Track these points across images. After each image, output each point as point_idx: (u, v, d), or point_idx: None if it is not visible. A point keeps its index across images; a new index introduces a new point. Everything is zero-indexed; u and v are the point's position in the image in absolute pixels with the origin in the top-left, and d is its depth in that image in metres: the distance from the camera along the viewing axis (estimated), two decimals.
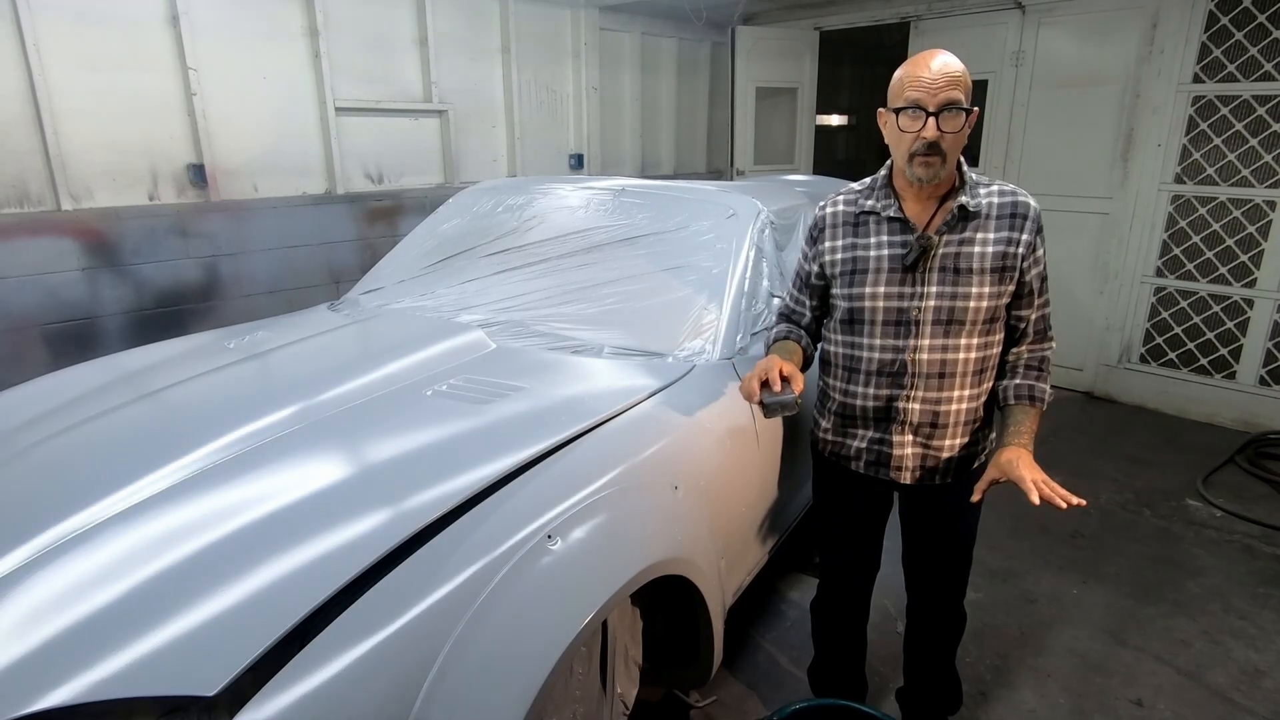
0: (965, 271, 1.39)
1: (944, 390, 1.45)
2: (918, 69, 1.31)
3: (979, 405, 1.49)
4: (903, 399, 1.47)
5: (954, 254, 1.40)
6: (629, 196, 2.31)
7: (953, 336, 1.42)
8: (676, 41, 5.24)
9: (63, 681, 0.91)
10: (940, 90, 1.29)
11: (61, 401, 1.68)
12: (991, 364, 1.48)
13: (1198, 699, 1.99)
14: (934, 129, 1.30)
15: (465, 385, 1.63)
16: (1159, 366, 4.00)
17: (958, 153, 1.36)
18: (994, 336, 1.45)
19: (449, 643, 1.04)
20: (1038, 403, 1.46)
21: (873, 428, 1.52)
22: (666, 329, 1.87)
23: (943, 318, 1.41)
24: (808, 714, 1.49)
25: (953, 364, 1.43)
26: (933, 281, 1.41)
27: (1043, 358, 1.48)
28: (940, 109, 1.29)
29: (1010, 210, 1.40)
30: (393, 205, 3.89)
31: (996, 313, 1.43)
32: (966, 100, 1.31)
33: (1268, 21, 3.36)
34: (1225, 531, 2.81)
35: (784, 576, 2.50)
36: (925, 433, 1.48)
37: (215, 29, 3.16)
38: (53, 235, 2.86)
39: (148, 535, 1.15)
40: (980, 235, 1.39)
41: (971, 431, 1.50)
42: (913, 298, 1.42)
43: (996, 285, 1.39)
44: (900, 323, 1.44)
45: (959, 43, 4.40)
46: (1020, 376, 1.48)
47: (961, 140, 1.34)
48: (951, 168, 1.37)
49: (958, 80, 1.30)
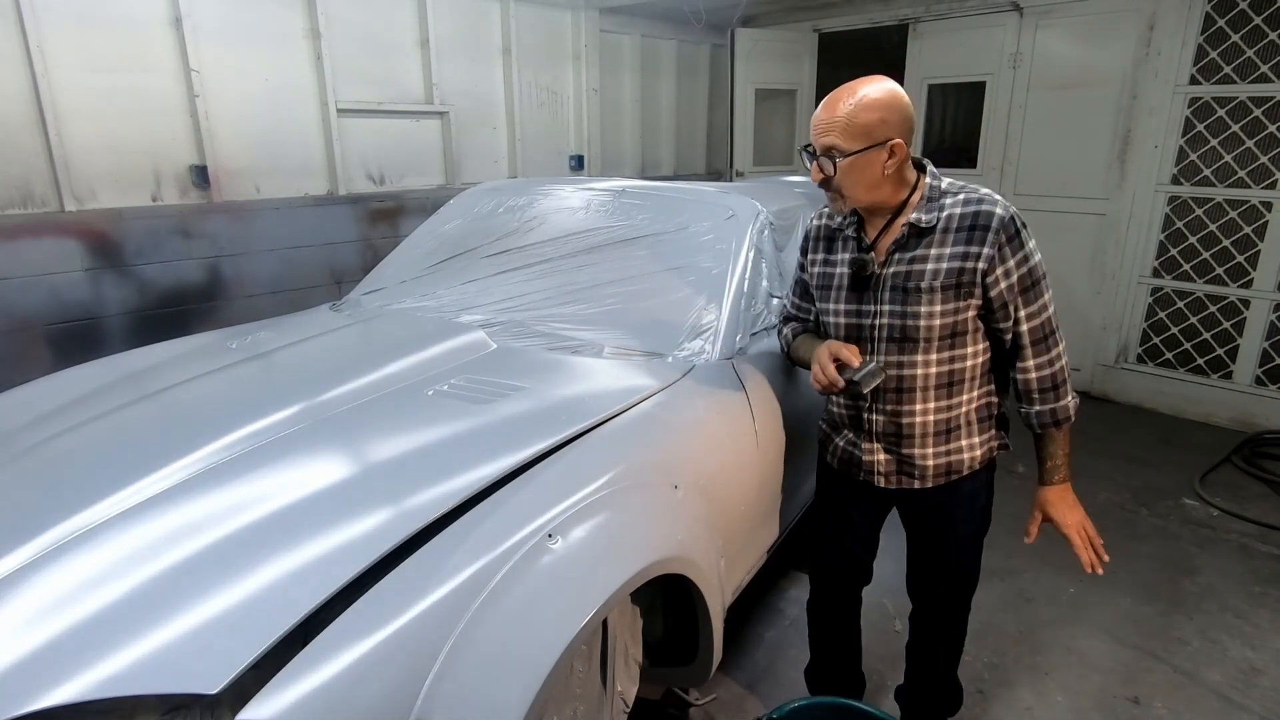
0: (914, 290, 1.37)
1: (904, 404, 1.44)
2: (818, 110, 1.35)
3: (955, 415, 1.45)
4: (865, 410, 1.50)
5: (904, 272, 1.38)
6: (629, 198, 2.32)
7: (908, 354, 1.41)
8: (676, 43, 5.25)
9: (66, 680, 0.92)
10: (819, 136, 1.33)
11: (65, 401, 1.69)
12: (970, 374, 1.43)
13: (1194, 697, 2.00)
14: (816, 171, 1.36)
15: (466, 385, 1.64)
16: (1156, 366, 4.02)
17: (860, 188, 1.34)
18: (966, 349, 1.41)
19: (450, 641, 1.04)
20: (1064, 423, 1.43)
21: (849, 432, 1.56)
22: (666, 329, 1.88)
23: (895, 335, 1.41)
24: (807, 712, 1.49)
25: (910, 379, 1.42)
26: (884, 300, 1.41)
27: (1054, 374, 1.41)
28: (820, 153, 1.34)
29: (971, 222, 1.34)
30: (394, 206, 3.90)
31: (959, 327, 1.38)
32: (856, 141, 1.29)
33: (1264, 24, 3.38)
34: (1222, 530, 2.82)
35: (784, 575, 2.51)
36: (892, 441, 1.49)
37: (217, 31, 3.18)
38: (56, 236, 2.87)
39: (151, 534, 1.16)
40: (934, 251, 1.36)
41: (948, 440, 1.46)
42: (868, 315, 1.44)
43: (953, 302, 1.36)
44: (858, 339, 1.46)
45: (957, 45, 4.42)
46: (1039, 402, 1.42)
47: (859, 178, 1.33)
48: (864, 201, 1.37)
49: (832, 126, 1.30)
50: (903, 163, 1.34)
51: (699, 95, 5.58)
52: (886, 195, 1.37)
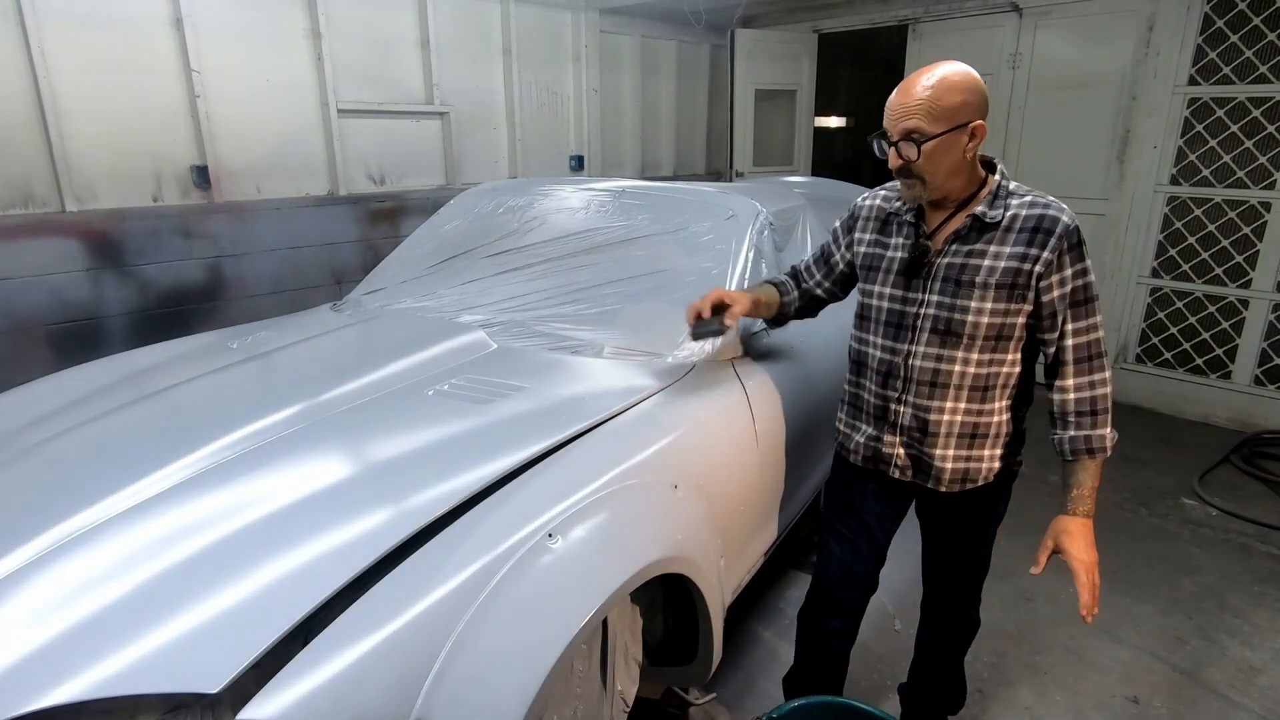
0: (968, 284, 1.35)
1: (935, 399, 1.42)
2: (892, 96, 1.32)
3: (984, 421, 1.42)
4: (895, 401, 1.47)
5: (960, 265, 1.36)
6: (629, 198, 2.32)
7: (949, 348, 1.39)
8: (676, 44, 5.26)
9: (67, 679, 0.92)
10: (899, 120, 1.30)
11: (66, 401, 1.69)
12: (1004, 381, 1.40)
13: (1193, 696, 2.01)
14: (895, 157, 1.32)
15: (466, 385, 1.64)
16: (1155, 366, 4.02)
17: (941, 173, 1.31)
18: (1008, 355, 1.38)
19: (450, 640, 1.04)
20: (1098, 454, 1.37)
21: (871, 425, 1.54)
22: (666, 329, 1.88)
23: (940, 327, 1.39)
24: (806, 711, 1.49)
25: (946, 375, 1.40)
26: (934, 290, 1.39)
27: (1094, 398, 1.35)
28: (899, 138, 1.30)
29: (1035, 224, 1.31)
30: (395, 206, 3.90)
31: (1006, 330, 1.35)
32: (939, 123, 1.27)
33: (1263, 25, 3.39)
34: (1220, 530, 2.83)
35: (783, 574, 2.51)
36: (915, 437, 1.46)
37: (218, 31, 3.18)
38: (57, 236, 2.87)
39: (152, 534, 1.16)
40: (994, 249, 1.33)
41: (970, 445, 1.43)
42: (914, 303, 1.42)
43: (1005, 303, 1.33)
44: (900, 326, 1.44)
45: (956, 45, 4.42)
46: (1073, 427, 1.37)
47: (941, 162, 1.30)
48: (943, 187, 1.34)
49: (915, 109, 1.27)
50: (980, 146, 1.32)
51: (699, 95, 5.59)
52: (962, 183, 1.35)
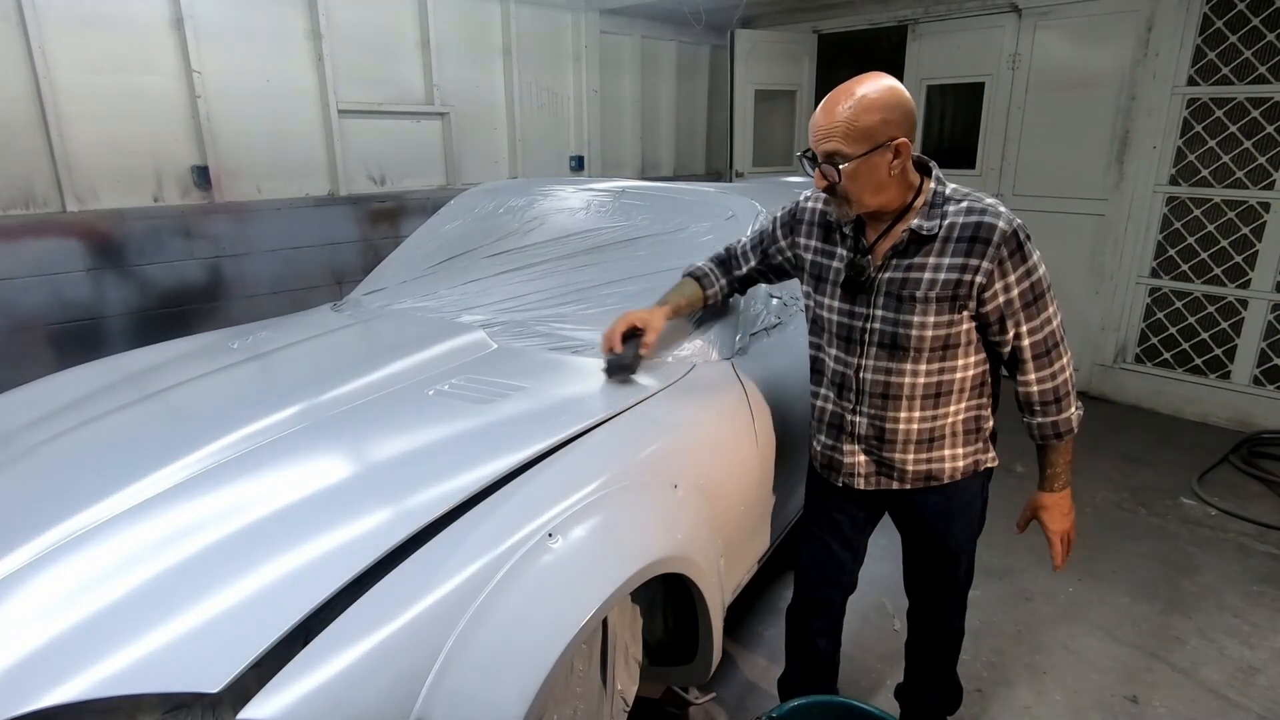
0: (909, 299, 1.33)
1: (889, 410, 1.42)
2: (813, 116, 1.31)
3: (940, 425, 1.42)
4: (850, 412, 1.47)
5: (900, 279, 1.35)
6: (629, 198, 2.33)
7: (897, 361, 1.38)
8: (676, 45, 5.26)
9: (68, 678, 0.92)
10: (819, 142, 1.29)
11: (67, 401, 1.70)
12: (959, 386, 1.40)
13: (1192, 696, 2.01)
14: (819, 178, 1.32)
15: (467, 385, 1.64)
16: (1154, 366, 4.03)
17: (866, 192, 1.30)
18: (957, 360, 1.38)
19: (451, 640, 1.05)
20: (1064, 436, 1.42)
21: (826, 433, 1.54)
22: (667, 329, 1.89)
23: (886, 341, 1.38)
24: (806, 711, 1.49)
25: (897, 387, 1.40)
26: (878, 305, 1.38)
27: (1056, 387, 1.38)
28: (822, 160, 1.29)
29: (972, 233, 1.29)
30: (395, 207, 3.91)
31: (952, 340, 1.35)
32: (859, 144, 1.24)
33: (1262, 25, 3.39)
34: (1220, 530, 2.83)
35: (782, 574, 2.52)
36: (874, 444, 1.47)
37: (219, 32, 3.19)
38: (58, 236, 2.88)
39: (152, 534, 1.16)
40: (933, 260, 1.32)
41: (930, 448, 1.44)
42: (860, 317, 1.41)
43: (948, 314, 1.32)
44: (849, 340, 1.44)
45: (955, 46, 4.43)
46: (1039, 414, 1.40)
47: (865, 182, 1.28)
48: (870, 205, 1.32)
49: (833, 132, 1.25)
50: (907, 162, 1.30)
51: (699, 96, 5.59)
52: (892, 198, 1.33)
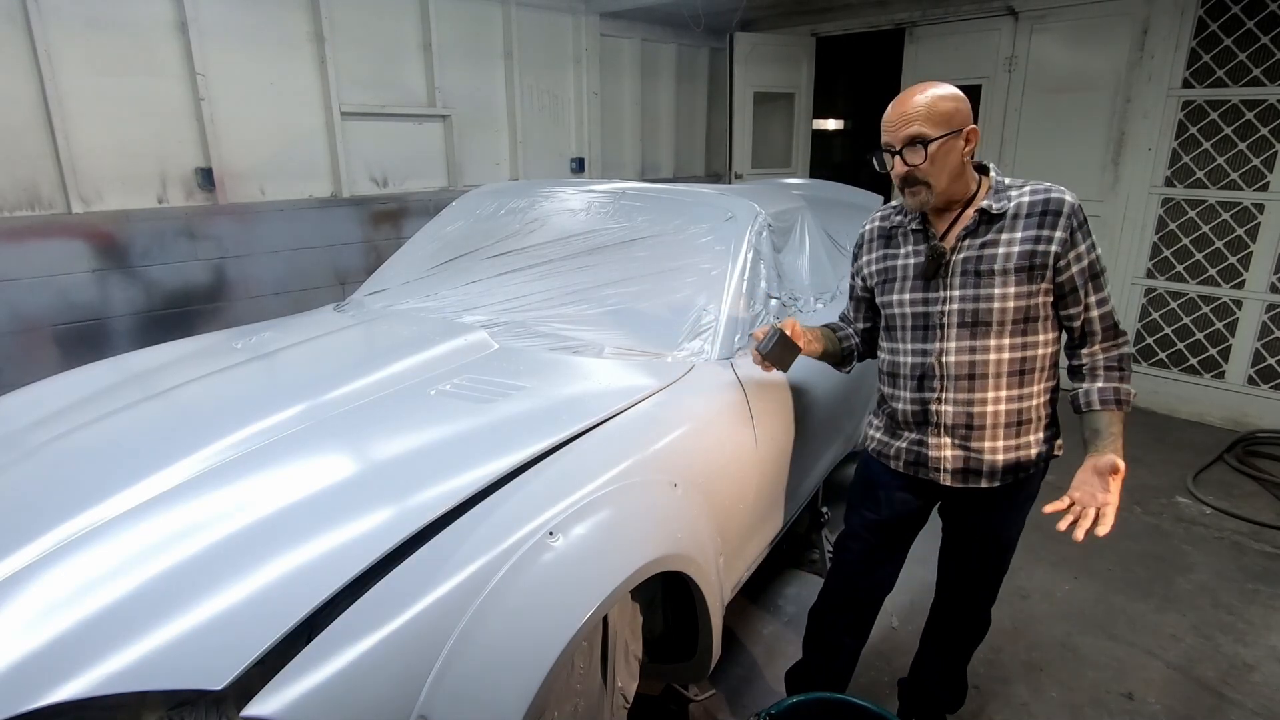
0: (987, 274, 1.40)
1: (975, 392, 1.44)
2: (887, 112, 1.40)
3: (1026, 407, 1.45)
4: (935, 402, 1.49)
5: (975, 257, 1.41)
6: (629, 200, 2.34)
7: (980, 338, 1.42)
8: (676, 47, 5.28)
9: (73, 676, 0.92)
10: (899, 129, 1.37)
11: (72, 401, 1.71)
12: (1040, 364, 1.44)
13: (1187, 693, 2.02)
14: (900, 165, 1.39)
15: (468, 385, 1.65)
16: (1150, 366, 4.05)
17: (945, 175, 1.38)
18: (1037, 337, 1.43)
19: (453, 637, 1.05)
20: (1124, 406, 1.42)
21: (913, 430, 1.55)
22: (666, 330, 1.90)
23: (967, 320, 1.43)
24: (804, 708, 1.50)
25: (983, 365, 1.43)
26: (954, 285, 1.43)
27: (1121, 356, 1.44)
28: (903, 145, 1.37)
29: (1042, 208, 1.38)
30: (397, 208, 3.93)
31: (1032, 312, 1.41)
32: (939, 127, 1.34)
33: (1256, 28, 3.41)
34: (1214, 528, 2.85)
35: (782, 573, 2.53)
36: (962, 434, 1.48)
37: (223, 35, 3.21)
38: (63, 237, 2.90)
39: (156, 532, 1.17)
40: (1006, 236, 1.39)
41: (1018, 433, 1.46)
42: (936, 302, 1.46)
43: (1025, 284, 1.38)
44: (926, 327, 1.48)
45: (952, 48, 4.45)
46: (1102, 379, 1.43)
47: (944, 165, 1.37)
48: (946, 190, 1.40)
49: (914, 116, 1.35)
50: (974, 151, 1.40)
51: (698, 98, 5.61)
52: (963, 186, 1.42)
